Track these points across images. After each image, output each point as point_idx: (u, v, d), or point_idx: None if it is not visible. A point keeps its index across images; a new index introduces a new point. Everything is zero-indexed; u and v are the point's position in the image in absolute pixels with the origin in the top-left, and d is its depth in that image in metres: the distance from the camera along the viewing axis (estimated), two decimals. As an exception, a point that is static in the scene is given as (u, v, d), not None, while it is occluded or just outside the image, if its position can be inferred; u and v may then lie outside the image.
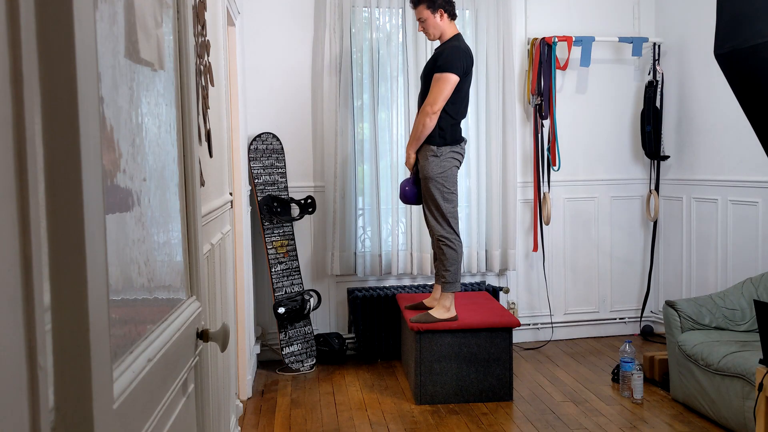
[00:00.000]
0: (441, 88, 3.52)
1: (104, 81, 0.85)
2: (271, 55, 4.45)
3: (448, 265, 3.63)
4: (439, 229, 3.63)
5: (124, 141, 0.95)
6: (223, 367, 2.70)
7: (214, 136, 2.65)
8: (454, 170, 3.64)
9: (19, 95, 0.58)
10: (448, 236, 3.62)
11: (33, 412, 0.59)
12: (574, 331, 4.95)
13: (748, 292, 3.67)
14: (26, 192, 0.59)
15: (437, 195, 3.59)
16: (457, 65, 3.54)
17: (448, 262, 3.63)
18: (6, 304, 0.55)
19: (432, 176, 3.58)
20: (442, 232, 3.62)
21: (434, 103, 3.52)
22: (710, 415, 3.32)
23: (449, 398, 3.69)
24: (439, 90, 3.52)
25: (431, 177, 3.59)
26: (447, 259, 3.63)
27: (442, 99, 3.52)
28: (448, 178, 3.61)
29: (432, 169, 3.59)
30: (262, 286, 4.43)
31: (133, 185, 0.99)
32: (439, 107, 3.52)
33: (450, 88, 3.53)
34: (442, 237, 3.63)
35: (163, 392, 1.07)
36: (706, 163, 4.54)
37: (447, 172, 3.60)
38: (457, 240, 3.64)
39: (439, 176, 3.58)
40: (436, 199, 3.59)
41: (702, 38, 4.40)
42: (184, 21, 1.35)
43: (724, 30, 1.99)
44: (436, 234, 3.65)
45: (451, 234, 3.62)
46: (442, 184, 3.59)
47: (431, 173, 3.59)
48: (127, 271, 0.96)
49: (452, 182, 3.63)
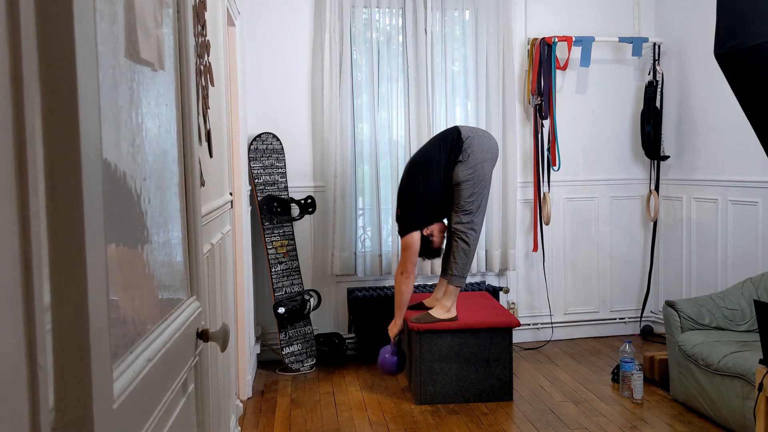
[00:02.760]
0: (406, 253, 3.70)
1: (104, 81, 0.85)
2: (271, 55, 4.45)
3: (457, 258, 3.66)
4: (458, 222, 3.64)
5: (125, 141, 0.95)
6: (223, 367, 2.70)
7: (214, 136, 2.65)
8: (486, 166, 3.65)
9: (19, 95, 0.58)
10: (466, 231, 3.64)
11: (33, 412, 0.59)
12: (574, 331, 4.95)
13: (748, 292, 3.67)
14: (26, 192, 0.59)
15: (466, 194, 3.62)
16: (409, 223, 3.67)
17: (458, 255, 3.66)
18: (6, 304, 0.55)
19: (461, 180, 3.61)
20: (460, 226, 3.64)
21: (404, 268, 3.72)
22: (710, 415, 3.32)
23: (449, 398, 3.69)
24: (405, 256, 3.71)
25: (461, 181, 3.62)
26: (458, 251, 3.66)
27: (410, 263, 3.69)
28: (478, 178, 3.62)
29: (461, 172, 3.61)
30: (262, 286, 4.43)
31: (134, 185, 0.99)
32: (410, 269, 3.69)
33: (415, 246, 3.68)
34: (458, 230, 3.65)
35: (163, 392, 1.07)
36: (706, 163, 4.54)
37: (477, 172, 3.62)
38: (473, 236, 3.66)
39: (469, 178, 3.61)
40: (464, 197, 3.62)
41: (702, 38, 4.40)
42: (184, 21, 1.35)
43: (724, 30, 1.99)
44: (453, 224, 3.68)
45: (469, 229, 3.65)
46: (473, 185, 3.62)
47: (460, 177, 3.62)
48: (128, 271, 0.96)
49: (482, 184, 3.64)
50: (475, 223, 3.66)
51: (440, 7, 4.51)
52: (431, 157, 3.67)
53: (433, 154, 3.67)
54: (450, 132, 3.72)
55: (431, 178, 3.64)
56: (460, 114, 4.66)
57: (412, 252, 3.68)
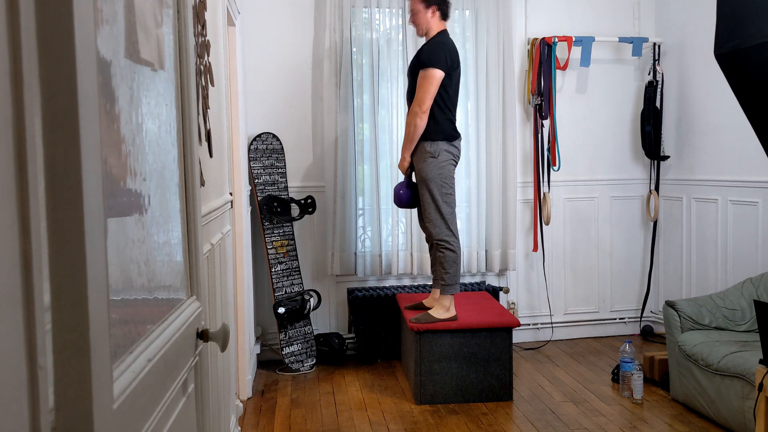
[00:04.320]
0: (427, 86, 3.48)
1: (104, 81, 0.85)
2: (271, 55, 4.45)
3: (447, 267, 3.62)
4: (438, 233, 3.60)
5: (124, 141, 0.95)
6: (223, 367, 2.70)
7: (214, 136, 2.65)
8: (451, 170, 3.62)
9: (19, 95, 0.58)
10: (447, 239, 3.60)
11: (33, 412, 0.59)
12: (574, 331, 4.95)
13: (748, 292, 3.67)
14: (26, 192, 0.59)
15: (437, 197, 3.57)
16: (440, 59, 3.50)
17: (448, 264, 3.62)
18: (6, 304, 0.55)
19: (430, 178, 3.56)
20: (441, 236, 3.60)
21: (422, 102, 3.49)
22: (710, 415, 3.32)
23: (449, 398, 3.69)
24: (425, 87, 3.48)
25: (429, 179, 3.56)
26: (446, 261, 3.62)
27: (429, 96, 3.48)
28: (446, 179, 3.59)
29: (429, 170, 3.56)
30: (262, 286, 4.43)
31: (134, 185, 0.99)
32: (428, 105, 3.49)
33: (436, 83, 3.48)
34: (441, 240, 3.61)
35: (163, 392, 1.07)
36: (706, 163, 4.54)
37: (444, 172, 3.58)
38: (456, 242, 3.63)
39: (437, 177, 3.56)
40: (436, 201, 3.57)
41: (702, 38, 4.40)
42: (184, 21, 1.35)
43: (724, 30, 1.98)
44: (434, 238, 3.62)
45: (450, 236, 3.61)
46: (440, 185, 3.56)
47: (429, 175, 3.56)
48: (127, 271, 0.96)
49: (450, 183, 3.61)
50: (453, 226, 3.63)
51: (440, 7, 4.50)
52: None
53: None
54: None
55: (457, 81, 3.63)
56: (460, 114, 4.65)
57: (434, 88, 3.48)
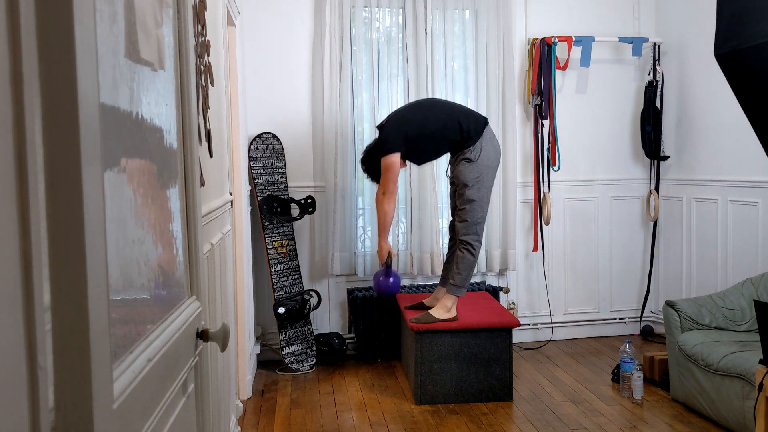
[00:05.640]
0: (385, 173, 3.63)
1: (104, 81, 0.85)
2: (271, 55, 4.45)
3: (461, 269, 3.63)
4: (466, 234, 3.61)
5: (124, 140, 0.95)
6: (223, 367, 2.70)
7: (214, 136, 2.65)
8: (490, 174, 3.63)
9: (19, 95, 0.58)
10: (472, 242, 3.62)
11: (33, 412, 0.59)
12: (574, 331, 4.95)
13: (748, 292, 3.67)
14: (26, 192, 0.59)
15: (474, 200, 3.58)
16: (392, 142, 3.61)
17: (463, 265, 3.62)
18: (6, 304, 0.55)
19: (468, 183, 3.58)
20: (468, 238, 3.61)
21: (384, 187, 3.65)
22: (710, 415, 3.32)
23: (449, 398, 3.69)
24: (384, 176, 3.64)
25: (468, 184, 3.58)
26: (463, 262, 3.62)
27: (391, 182, 3.63)
28: (484, 182, 3.60)
29: (468, 174, 3.58)
30: (262, 286, 4.43)
31: (134, 185, 0.99)
32: (391, 189, 3.63)
33: (395, 168, 3.61)
34: (467, 242, 3.62)
35: (163, 392, 1.07)
36: (706, 163, 4.54)
37: (483, 176, 3.59)
38: (478, 247, 3.64)
39: (476, 181, 3.58)
40: (473, 204, 3.58)
41: (702, 38, 4.40)
42: (184, 21, 1.35)
43: (724, 30, 1.98)
44: (461, 236, 3.63)
45: (475, 241, 3.62)
46: (478, 189, 3.58)
47: (467, 179, 3.58)
48: (127, 271, 0.96)
49: (488, 187, 3.62)
50: (480, 232, 3.66)
51: (440, 7, 4.51)
52: (449, 121, 3.60)
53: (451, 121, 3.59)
54: (478, 117, 3.68)
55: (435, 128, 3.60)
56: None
57: (393, 173, 3.62)
